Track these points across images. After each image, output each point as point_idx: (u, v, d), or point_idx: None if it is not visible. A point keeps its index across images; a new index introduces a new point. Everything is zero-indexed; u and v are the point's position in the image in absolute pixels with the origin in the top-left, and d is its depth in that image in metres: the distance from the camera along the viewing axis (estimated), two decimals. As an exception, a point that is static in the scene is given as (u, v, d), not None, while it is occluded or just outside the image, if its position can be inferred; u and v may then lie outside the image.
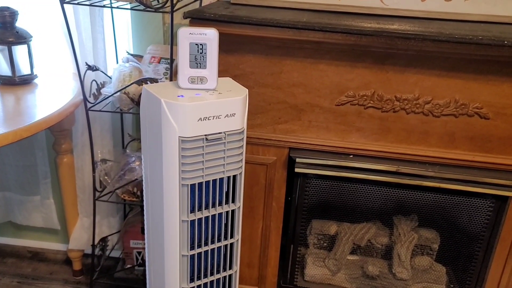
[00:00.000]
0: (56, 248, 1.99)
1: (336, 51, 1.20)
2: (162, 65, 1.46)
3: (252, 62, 1.25)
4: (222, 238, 1.03)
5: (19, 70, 1.52)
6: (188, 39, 0.90)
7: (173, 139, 0.88)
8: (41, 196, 1.88)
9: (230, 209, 1.01)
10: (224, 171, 0.95)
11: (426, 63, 1.19)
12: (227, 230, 1.03)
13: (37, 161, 1.81)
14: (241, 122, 0.94)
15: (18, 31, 1.49)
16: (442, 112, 1.23)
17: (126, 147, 1.72)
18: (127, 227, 1.71)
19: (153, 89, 0.92)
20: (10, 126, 1.24)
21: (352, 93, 1.24)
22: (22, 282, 1.83)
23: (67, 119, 1.53)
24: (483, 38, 1.10)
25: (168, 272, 0.99)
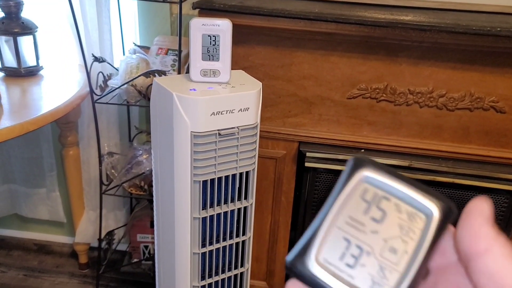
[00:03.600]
0: (62, 241, 1.98)
1: (348, 42, 1.18)
2: (170, 57, 1.43)
3: (262, 54, 1.22)
4: (234, 235, 1.01)
5: (24, 61, 1.50)
6: (201, 30, 0.87)
7: (185, 134, 0.86)
8: (47, 189, 1.86)
9: (243, 206, 0.98)
10: (236, 167, 0.93)
11: (441, 56, 1.16)
12: (239, 227, 1.01)
13: (43, 154, 1.80)
14: (254, 117, 0.91)
15: (24, 21, 1.47)
16: (456, 105, 1.20)
17: (133, 140, 1.70)
18: (134, 221, 1.70)
19: (164, 82, 0.90)
20: (17, 119, 1.22)
21: (364, 86, 1.22)
22: (28, 275, 1.82)
23: (73, 112, 1.51)
24: (502, 30, 1.07)
25: (178, 270, 0.97)
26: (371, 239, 0.30)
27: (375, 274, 0.29)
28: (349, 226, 0.30)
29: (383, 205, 0.30)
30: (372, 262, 0.29)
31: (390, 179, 0.31)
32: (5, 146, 1.77)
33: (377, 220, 0.30)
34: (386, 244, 0.29)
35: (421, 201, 0.30)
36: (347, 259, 0.29)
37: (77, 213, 1.76)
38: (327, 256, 0.30)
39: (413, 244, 0.29)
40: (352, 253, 0.29)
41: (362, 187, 0.31)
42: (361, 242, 0.30)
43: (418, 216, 0.30)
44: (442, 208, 0.30)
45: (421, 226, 0.30)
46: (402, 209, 0.30)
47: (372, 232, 0.30)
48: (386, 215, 0.30)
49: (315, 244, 0.30)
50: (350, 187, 0.31)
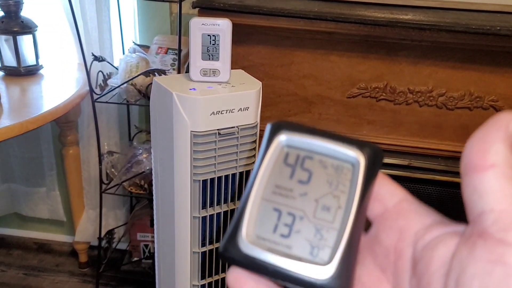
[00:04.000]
0: (62, 240, 1.98)
1: (348, 42, 1.17)
2: (169, 56, 1.43)
3: (261, 53, 1.22)
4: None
5: (24, 60, 1.50)
6: (201, 30, 0.87)
7: (185, 133, 0.86)
8: (47, 188, 1.86)
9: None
10: (236, 166, 0.93)
11: (440, 55, 1.16)
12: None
13: (43, 153, 1.80)
14: (254, 116, 0.91)
15: (23, 20, 1.47)
16: (456, 105, 1.20)
17: (133, 139, 1.70)
18: (134, 219, 1.70)
19: (164, 81, 0.90)
20: (16, 118, 1.22)
21: (364, 85, 1.22)
22: (28, 274, 1.82)
23: (73, 111, 1.51)
24: (501, 29, 1.07)
25: (178, 269, 0.97)
26: (302, 202, 0.28)
27: (312, 238, 0.27)
28: (277, 195, 0.28)
29: (308, 165, 0.29)
30: (306, 226, 0.28)
31: (310, 137, 0.29)
32: (5, 145, 1.77)
33: (304, 181, 0.28)
34: (318, 204, 0.28)
35: (345, 151, 0.28)
36: (280, 229, 0.28)
37: (77, 212, 1.76)
38: (259, 232, 0.28)
39: (345, 197, 0.28)
40: (285, 222, 0.28)
41: (283, 152, 0.29)
42: (292, 209, 0.28)
43: (345, 167, 0.28)
44: (367, 154, 0.28)
45: (349, 176, 0.28)
46: (327, 164, 0.29)
47: (301, 195, 0.28)
48: (312, 175, 0.29)
49: (244, 223, 0.28)
50: (271, 155, 0.29)
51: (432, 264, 0.25)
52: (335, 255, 0.27)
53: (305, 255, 0.27)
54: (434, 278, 0.25)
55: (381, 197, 0.29)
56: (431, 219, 0.27)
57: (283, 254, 0.27)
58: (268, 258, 0.27)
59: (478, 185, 0.23)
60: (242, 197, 0.29)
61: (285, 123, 0.30)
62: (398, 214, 0.28)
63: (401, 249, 0.27)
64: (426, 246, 0.26)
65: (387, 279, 0.28)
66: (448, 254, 0.25)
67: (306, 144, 0.29)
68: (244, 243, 0.27)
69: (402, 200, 0.29)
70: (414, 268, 0.26)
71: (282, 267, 0.27)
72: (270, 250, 0.27)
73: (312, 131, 0.30)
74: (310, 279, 0.26)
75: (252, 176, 0.29)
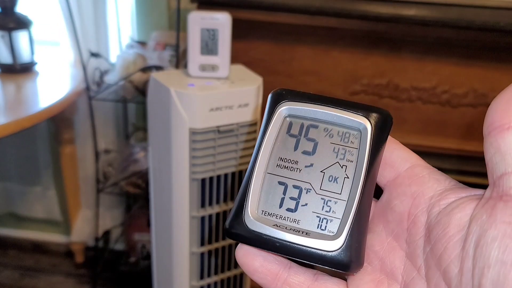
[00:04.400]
0: (58, 240, 1.95)
1: (350, 37, 1.15)
2: (167, 52, 1.40)
3: (261, 48, 1.20)
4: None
5: (20, 57, 1.47)
6: (199, 24, 0.84)
7: (183, 130, 0.83)
8: (42, 187, 1.84)
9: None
10: (236, 164, 0.90)
11: (444, 51, 1.14)
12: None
13: (38, 151, 1.77)
14: (254, 113, 0.89)
15: (19, 17, 1.44)
16: (460, 102, 1.18)
17: (130, 138, 1.67)
18: (131, 219, 1.68)
19: (161, 77, 0.87)
20: (12, 115, 1.20)
21: (366, 82, 1.19)
22: (24, 274, 1.79)
23: (69, 108, 1.48)
24: (506, 25, 1.04)
25: (176, 269, 0.95)
26: (308, 174, 0.27)
27: (319, 211, 0.27)
28: (282, 168, 0.27)
29: (312, 134, 0.28)
30: (313, 198, 0.27)
31: (313, 105, 0.28)
32: (0, 143, 1.75)
33: (309, 152, 0.27)
34: (324, 175, 0.27)
35: (351, 118, 0.27)
36: (287, 204, 0.27)
37: (73, 211, 1.74)
38: (265, 207, 0.27)
39: (353, 166, 0.27)
40: (291, 195, 0.27)
41: (286, 122, 0.28)
42: (298, 181, 0.27)
43: (351, 134, 0.27)
44: (375, 119, 0.27)
45: (356, 144, 0.27)
46: (333, 132, 0.28)
47: (307, 167, 0.27)
48: (317, 144, 0.27)
49: (249, 199, 0.27)
50: (273, 127, 0.28)
51: (449, 229, 0.24)
52: (344, 228, 0.26)
53: (313, 228, 0.27)
54: (451, 243, 0.24)
55: (392, 163, 0.28)
56: (446, 184, 0.27)
57: (291, 229, 0.26)
58: (275, 234, 0.26)
59: (501, 145, 0.22)
60: (246, 172, 0.28)
61: (287, 92, 0.29)
62: (411, 180, 0.27)
63: (415, 215, 0.27)
64: (442, 212, 0.25)
65: (400, 246, 0.27)
66: (465, 218, 0.24)
67: (310, 112, 0.28)
68: (250, 219, 0.27)
69: (415, 166, 0.28)
70: (429, 234, 0.25)
71: (290, 241, 0.26)
72: (277, 225, 0.27)
73: (316, 98, 0.28)
74: (319, 253, 0.26)
75: (255, 149, 0.28)
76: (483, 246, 0.22)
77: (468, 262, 0.22)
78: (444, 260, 0.24)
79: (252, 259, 0.27)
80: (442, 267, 0.24)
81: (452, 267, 0.23)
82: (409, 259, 0.27)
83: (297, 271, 0.27)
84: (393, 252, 0.27)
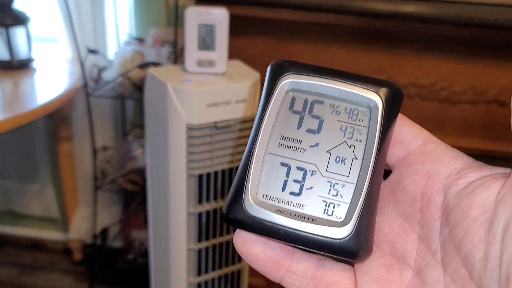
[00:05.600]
0: (56, 237, 1.95)
1: (349, 34, 1.15)
2: (165, 49, 1.40)
3: (260, 45, 1.19)
4: (231, 230, 0.98)
5: (17, 53, 1.46)
6: (197, 20, 0.84)
7: (180, 126, 0.83)
8: (40, 184, 1.83)
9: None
10: (233, 160, 0.90)
11: (443, 48, 1.13)
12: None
13: (36, 149, 1.76)
14: (251, 109, 0.88)
15: (16, 13, 1.43)
16: (459, 99, 1.18)
17: (128, 135, 1.67)
18: (129, 217, 1.67)
19: (158, 73, 0.86)
20: (9, 112, 1.19)
21: (365, 79, 1.19)
22: (22, 272, 1.79)
23: (67, 105, 1.48)
24: (505, 22, 1.04)
25: (173, 266, 0.94)
26: (313, 155, 0.25)
27: (326, 195, 0.25)
28: (284, 148, 0.25)
29: (317, 111, 0.25)
30: (319, 181, 0.25)
31: (318, 78, 0.25)
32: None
33: (314, 131, 0.25)
34: (331, 155, 0.25)
35: (359, 93, 0.25)
36: (290, 187, 0.25)
37: (71, 209, 1.74)
38: (266, 191, 0.25)
39: (362, 146, 0.25)
40: (295, 178, 0.25)
41: (288, 97, 0.26)
42: (302, 162, 0.25)
43: (360, 111, 0.25)
44: (386, 95, 0.25)
45: (366, 122, 0.25)
46: (340, 108, 0.25)
47: (311, 147, 0.25)
48: (323, 122, 0.25)
49: (249, 181, 0.25)
50: (274, 102, 0.26)
51: (471, 210, 0.22)
52: (352, 213, 0.24)
53: (319, 214, 0.25)
54: (474, 226, 0.22)
55: (402, 140, 0.26)
56: (463, 161, 0.25)
57: (295, 214, 0.24)
58: (278, 220, 0.24)
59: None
60: (245, 153, 0.26)
61: (289, 63, 0.27)
62: (424, 157, 0.25)
63: (429, 196, 0.25)
64: (462, 192, 0.23)
65: (412, 228, 0.26)
66: (490, 198, 0.22)
67: (315, 86, 0.26)
68: (251, 204, 0.25)
69: (427, 142, 0.26)
70: (447, 216, 0.24)
71: (294, 228, 0.24)
72: (280, 211, 0.25)
73: (321, 70, 0.26)
74: (325, 241, 0.24)
75: (254, 127, 0.26)
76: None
77: (495, 247, 0.21)
78: (465, 244, 0.22)
79: (252, 246, 0.25)
80: (462, 252, 0.22)
81: (475, 252, 0.22)
82: (423, 243, 0.25)
83: (301, 257, 0.26)
84: (405, 235, 0.26)
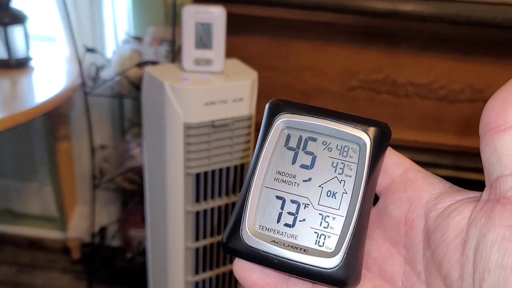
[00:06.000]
0: (54, 236, 1.94)
1: (347, 32, 1.14)
2: (163, 48, 1.40)
3: (258, 44, 1.19)
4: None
5: (15, 52, 1.46)
6: (194, 18, 0.84)
7: (177, 125, 0.83)
8: (38, 183, 1.83)
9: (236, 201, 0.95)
10: (231, 159, 0.90)
11: (441, 47, 1.13)
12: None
13: (34, 147, 1.76)
14: (249, 108, 0.88)
15: (14, 11, 1.43)
16: (457, 98, 1.17)
17: (126, 133, 1.66)
18: (127, 216, 1.67)
19: (155, 71, 0.86)
20: (7, 111, 1.19)
21: (363, 78, 1.19)
22: (20, 271, 1.79)
23: (65, 104, 1.47)
24: (503, 21, 1.04)
25: (171, 264, 0.94)
26: (306, 189, 0.27)
27: (317, 227, 0.26)
28: (279, 182, 0.27)
29: (311, 147, 0.27)
30: (311, 214, 0.26)
31: (311, 117, 0.27)
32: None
33: (307, 166, 0.27)
34: (323, 189, 0.27)
35: (350, 131, 0.27)
36: (284, 219, 0.27)
37: (70, 208, 1.73)
38: (262, 223, 0.27)
39: (351, 181, 0.26)
40: (289, 210, 0.27)
41: (283, 135, 0.28)
42: (296, 196, 0.27)
43: (350, 148, 0.27)
44: (374, 133, 0.27)
45: (355, 158, 0.27)
46: (332, 145, 0.27)
47: (305, 181, 0.27)
48: (316, 158, 0.27)
49: (247, 213, 0.27)
50: (271, 139, 0.28)
51: (448, 233, 0.24)
52: (342, 244, 0.26)
53: (311, 245, 0.26)
54: (451, 248, 0.23)
55: (386, 169, 0.28)
56: (441, 187, 0.26)
57: (288, 245, 0.26)
58: (273, 250, 0.26)
59: (497, 147, 0.22)
60: (243, 185, 0.28)
61: (285, 103, 0.29)
62: (406, 185, 0.27)
63: (412, 221, 0.26)
64: (439, 216, 0.25)
65: (399, 252, 0.27)
66: (463, 221, 0.23)
67: (308, 125, 0.27)
68: (247, 235, 0.26)
69: (408, 170, 0.28)
70: (428, 239, 0.25)
71: (288, 258, 0.26)
72: (275, 241, 0.26)
73: (314, 110, 0.28)
74: (317, 270, 0.25)
75: (253, 162, 0.28)
76: (482, 250, 0.21)
77: (468, 267, 0.22)
78: (444, 265, 0.24)
79: (249, 273, 0.27)
80: (442, 272, 0.24)
81: (452, 272, 0.23)
82: (408, 265, 0.27)
83: (296, 281, 0.27)
84: (392, 258, 0.27)
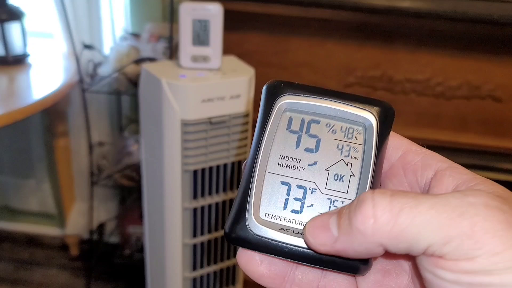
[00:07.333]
0: (52, 233, 1.95)
1: (344, 29, 1.15)
2: (161, 44, 1.40)
3: (255, 40, 1.19)
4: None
5: (12, 49, 1.45)
6: (191, 15, 0.84)
7: (175, 122, 0.83)
8: (36, 180, 1.83)
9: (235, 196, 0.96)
10: (228, 156, 0.90)
11: (438, 43, 1.13)
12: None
13: (32, 144, 1.76)
14: (246, 105, 0.88)
15: (11, 8, 1.43)
16: (454, 94, 1.18)
17: (124, 130, 1.66)
18: (125, 212, 1.67)
19: (152, 68, 0.86)
20: (4, 107, 1.19)
21: (360, 74, 1.19)
22: (19, 267, 1.79)
23: (63, 101, 1.47)
24: (499, 17, 1.04)
25: (169, 261, 0.95)
26: (312, 173, 0.26)
27: (326, 212, 0.25)
28: (283, 167, 0.26)
29: (314, 130, 0.26)
30: (319, 199, 0.26)
31: (313, 98, 0.26)
32: (-7, 136, 1.74)
33: (312, 149, 0.26)
34: (329, 173, 0.26)
35: (354, 112, 0.26)
36: (291, 205, 0.26)
37: (68, 204, 1.74)
38: (268, 210, 0.26)
39: (358, 163, 0.26)
40: (295, 196, 0.26)
41: (285, 117, 0.27)
42: (302, 181, 0.26)
43: (355, 130, 0.26)
44: (379, 113, 0.26)
45: (361, 140, 0.26)
46: (336, 127, 0.26)
47: (310, 165, 0.26)
48: (320, 141, 0.26)
49: (251, 200, 0.26)
50: (272, 123, 0.26)
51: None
52: None
53: None
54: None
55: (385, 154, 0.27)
56: (437, 167, 0.26)
57: (297, 232, 0.25)
58: (282, 238, 0.25)
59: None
60: (244, 172, 0.26)
61: (285, 84, 0.27)
62: (405, 169, 0.27)
63: None
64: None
65: None
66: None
67: (311, 106, 0.27)
68: (254, 223, 0.25)
69: (407, 152, 0.27)
70: None
71: (298, 246, 0.25)
72: (283, 229, 0.25)
73: (316, 90, 0.27)
74: (329, 258, 0.24)
75: (253, 148, 0.26)
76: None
77: None
78: None
79: (256, 265, 0.26)
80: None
81: None
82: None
83: (305, 270, 0.27)
84: None
